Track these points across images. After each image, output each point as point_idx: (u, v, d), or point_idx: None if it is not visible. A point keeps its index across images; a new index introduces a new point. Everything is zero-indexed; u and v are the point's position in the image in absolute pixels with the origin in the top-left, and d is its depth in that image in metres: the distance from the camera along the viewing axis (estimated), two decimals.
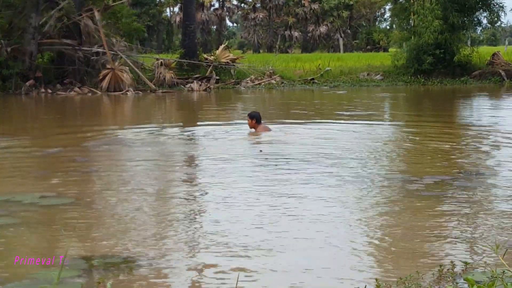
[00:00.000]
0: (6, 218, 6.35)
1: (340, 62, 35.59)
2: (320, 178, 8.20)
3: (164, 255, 5.28)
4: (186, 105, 22.96)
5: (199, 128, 14.80)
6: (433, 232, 5.84)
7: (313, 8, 69.55)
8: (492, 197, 7.32)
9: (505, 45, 60.18)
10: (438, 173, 8.56)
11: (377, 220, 6.29)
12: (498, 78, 31.25)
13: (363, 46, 65.83)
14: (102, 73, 26.26)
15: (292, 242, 5.59)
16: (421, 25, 30.17)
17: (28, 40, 26.04)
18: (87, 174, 8.82)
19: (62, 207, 6.83)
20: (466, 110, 20.09)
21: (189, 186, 8.20)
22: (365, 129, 13.68)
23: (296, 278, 4.78)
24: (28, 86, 25.60)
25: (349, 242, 5.56)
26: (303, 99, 24.58)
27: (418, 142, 12.10)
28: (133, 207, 6.85)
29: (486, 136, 12.74)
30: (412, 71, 30.90)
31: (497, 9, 32.54)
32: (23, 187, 7.94)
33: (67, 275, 4.71)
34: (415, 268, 4.73)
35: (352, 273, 4.86)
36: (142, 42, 46.26)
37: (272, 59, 35.25)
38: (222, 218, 6.37)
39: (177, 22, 64.18)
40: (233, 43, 75.29)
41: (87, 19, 27.05)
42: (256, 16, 71.96)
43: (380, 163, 9.62)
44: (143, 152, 10.90)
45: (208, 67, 30.07)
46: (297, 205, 6.85)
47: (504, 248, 4.91)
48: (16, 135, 13.22)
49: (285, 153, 10.51)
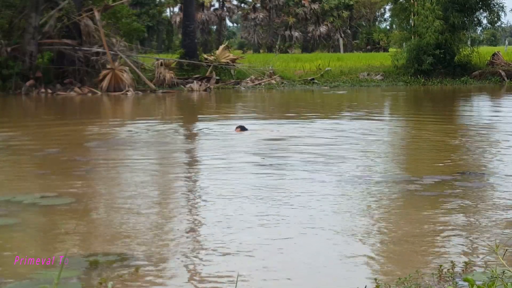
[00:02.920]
0: (6, 218, 6.36)
1: (340, 62, 35.57)
2: (320, 178, 8.20)
3: (164, 254, 5.28)
4: (186, 105, 22.95)
5: (199, 128, 14.79)
6: (433, 232, 5.84)
7: (313, 8, 69.51)
8: (492, 197, 7.32)
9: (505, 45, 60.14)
10: (438, 173, 8.56)
11: (377, 220, 6.29)
12: (498, 78, 31.24)
13: (363, 46, 65.80)
14: (102, 73, 26.25)
15: (292, 242, 5.59)
16: (422, 26, 30.12)
17: (28, 40, 26.03)
18: (88, 174, 8.82)
19: (62, 207, 6.82)
20: (466, 110, 20.08)
21: (189, 186, 8.20)
22: (365, 128, 13.67)
23: (296, 277, 4.78)
24: (28, 86, 25.59)
25: (348, 241, 5.56)
26: (303, 99, 24.57)
27: (418, 142, 12.10)
28: (134, 207, 6.85)
29: (486, 136, 12.74)
30: (412, 71, 30.88)
31: (497, 9, 32.54)
32: (24, 187, 7.95)
33: (67, 275, 4.71)
34: (415, 267, 4.73)
35: (352, 273, 4.86)
36: (142, 42, 46.24)
37: (272, 59, 35.21)
38: (222, 218, 6.38)
39: (177, 22, 64.16)
40: (233, 43, 75.17)
41: (87, 19, 27.04)
42: (256, 16, 71.92)
43: (380, 162, 9.61)
44: (143, 151, 10.90)
45: (208, 67, 30.06)
46: (296, 204, 6.85)
47: (504, 248, 4.91)
48: (16, 135, 13.21)
49: (285, 152, 10.51)
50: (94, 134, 13.46)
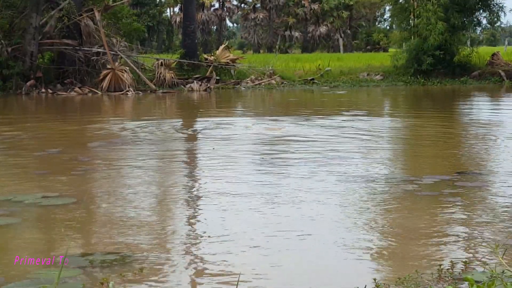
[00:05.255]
0: (7, 218, 6.36)
1: (340, 62, 35.57)
2: (320, 177, 8.20)
3: (165, 254, 5.29)
4: (186, 105, 22.96)
5: (199, 127, 14.80)
6: (432, 232, 5.85)
7: (313, 9, 69.53)
8: (492, 197, 7.33)
9: (505, 45, 60.16)
10: (438, 173, 8.57)
11: (377, 220, 6.30)
12: (497, 78, 31.23)
13: (363, 46, 65.83)
14: (103, 73, 26.25)
15: (291, 242, 5.60)
16: (425, 28, 30.04)
17: (28, 40, 26.03)
18: (89, 174, 8.83)
19: (63, 207, 6.83)
20: (466, 110, 20.08)
21: (190, 185, 8.21)
22: (364, 128, 13.68)
23: (296, 277, 4.78)
24: (28, 86, 25.60)
25: (348, 241, 5.57)
26: (303, 99, 24.58)
27: (417, 141, 12.10)
28: (134, 207, 6.86)
29: (486, 136, 12.75)
30: (411, 72, 30.86)
31: (497, 9, 32.54)
32: (25, 187, 7.96)
33: (67, 275, 4.72)
34: (415, 267, 4.74)
35: (351, 273, 4.87)
36: (142, 42, 46.27)
37: (272, 59, 35.19)
38: (223, 217, 6.39)
39: (177, 23, 64.19)
40: (233, 43, 75.19)
41: (87, 19, 27.05)
42: (256, 16, 71.96)
43: (379, 162, 9.62)
44: (144, 151, 10.91)
45: (208, 67, 30.05)
46: (296, 204, 6.86)
47: (504, 248, 4.92)
48: (17, 135, 13.22)
49: (285, 151, 10.52)
50: (94, 134, 13.48)
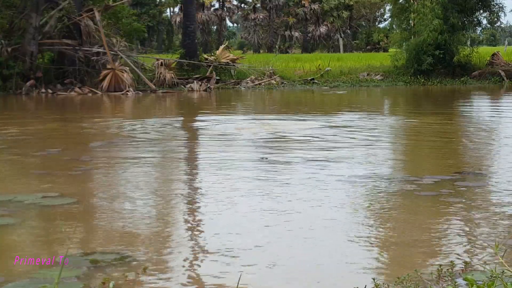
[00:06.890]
0: (7, 218, 6.36)
1: (340, 62, 35.57)
2: (320, 177, 8.20)
3: (165, 254, 5.29)
4: (186, 105, 22.96)
5: (199, 127, 14.80)
6: (432, 232, 5.85)
7: (313, 9, 69.53)
8: (492, 197, 7.33)
9: (505, 45, 60.14)
10: (438, 173, 8.57)
11: (377, 220, 6.30)
12: (497, 78, 31.24)
13: (363, 46, 65.81)
14: (103, 73, 26.26)
15: (291, 242, 5.60)
16: (420, 23, 30.11)
17: (28, 40, 26.03)
18: (89, 174, 8.83)
19: (63, 207, 6.83)
20: (466, 110, 20.08)
21: (190, 185, 8.21)
22: (364, 128, 13.68)
23: (295, 277, 4.78)
24: (28, 86, 25.59)
25: (348, 241, 5.57)
26: (303, 99, 24.58)
27: (417, 141, 12.10)
28: (134, 207, 6.86)
29: (485, 136, 12.75)
30: (411, 71, 30.87)
31: (497, 9, 32.57)
32: (25, 187, 7.95)
33: (67, 275, 4.72)
34: (414, 267, 4.74)
35: (351, 273, 4.87)
36: (142, 42, 46.27)
37: (272, 59, 35.20)
38: (224, 216, 6.39)
39: (177, 23, 64.17)
40: (233, 43, 75.23)
41: (87, 19, 27.05)
42: (256, 16, 71.95)
43: (379, 162, 9.62)
44: (144, 151, 10.92)
45: (208, 67, 30.06)
46: (296, 204, 6.86)
47: (504, 248, 4.92)
48: (17, 135, 13.22)
49: (285, 150, 10.52)
50: (95, 133, 13.48)
